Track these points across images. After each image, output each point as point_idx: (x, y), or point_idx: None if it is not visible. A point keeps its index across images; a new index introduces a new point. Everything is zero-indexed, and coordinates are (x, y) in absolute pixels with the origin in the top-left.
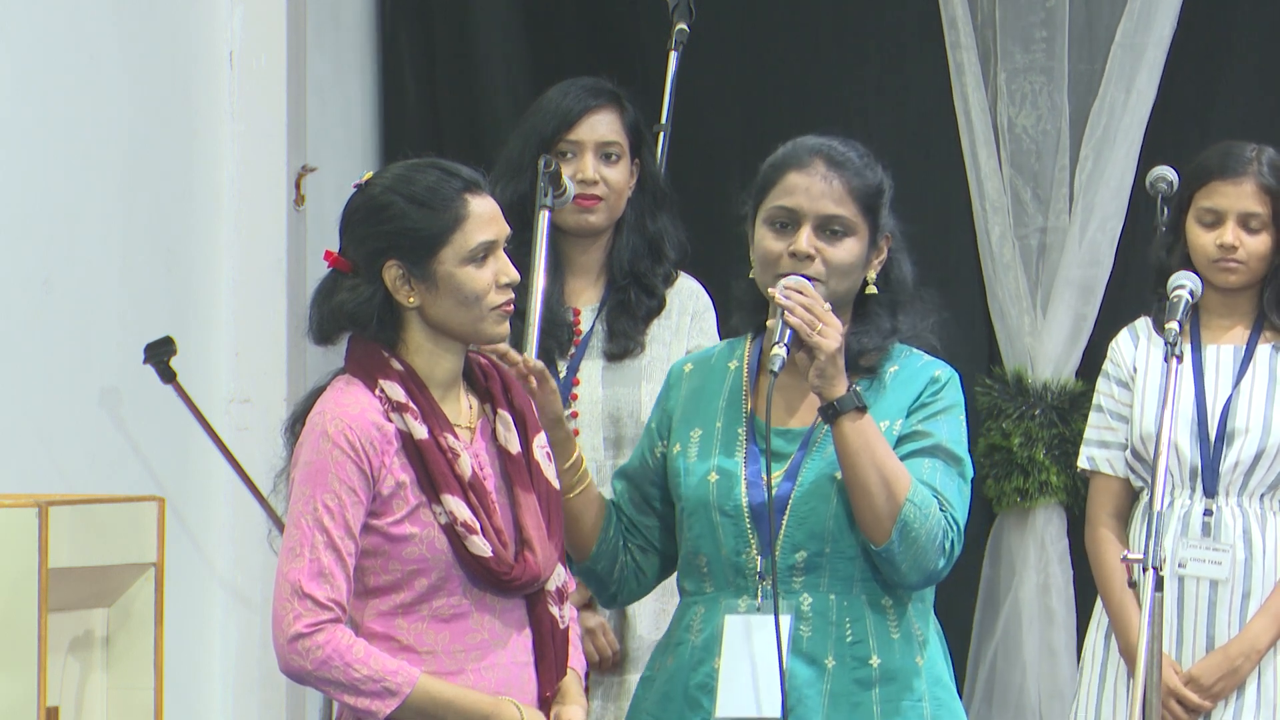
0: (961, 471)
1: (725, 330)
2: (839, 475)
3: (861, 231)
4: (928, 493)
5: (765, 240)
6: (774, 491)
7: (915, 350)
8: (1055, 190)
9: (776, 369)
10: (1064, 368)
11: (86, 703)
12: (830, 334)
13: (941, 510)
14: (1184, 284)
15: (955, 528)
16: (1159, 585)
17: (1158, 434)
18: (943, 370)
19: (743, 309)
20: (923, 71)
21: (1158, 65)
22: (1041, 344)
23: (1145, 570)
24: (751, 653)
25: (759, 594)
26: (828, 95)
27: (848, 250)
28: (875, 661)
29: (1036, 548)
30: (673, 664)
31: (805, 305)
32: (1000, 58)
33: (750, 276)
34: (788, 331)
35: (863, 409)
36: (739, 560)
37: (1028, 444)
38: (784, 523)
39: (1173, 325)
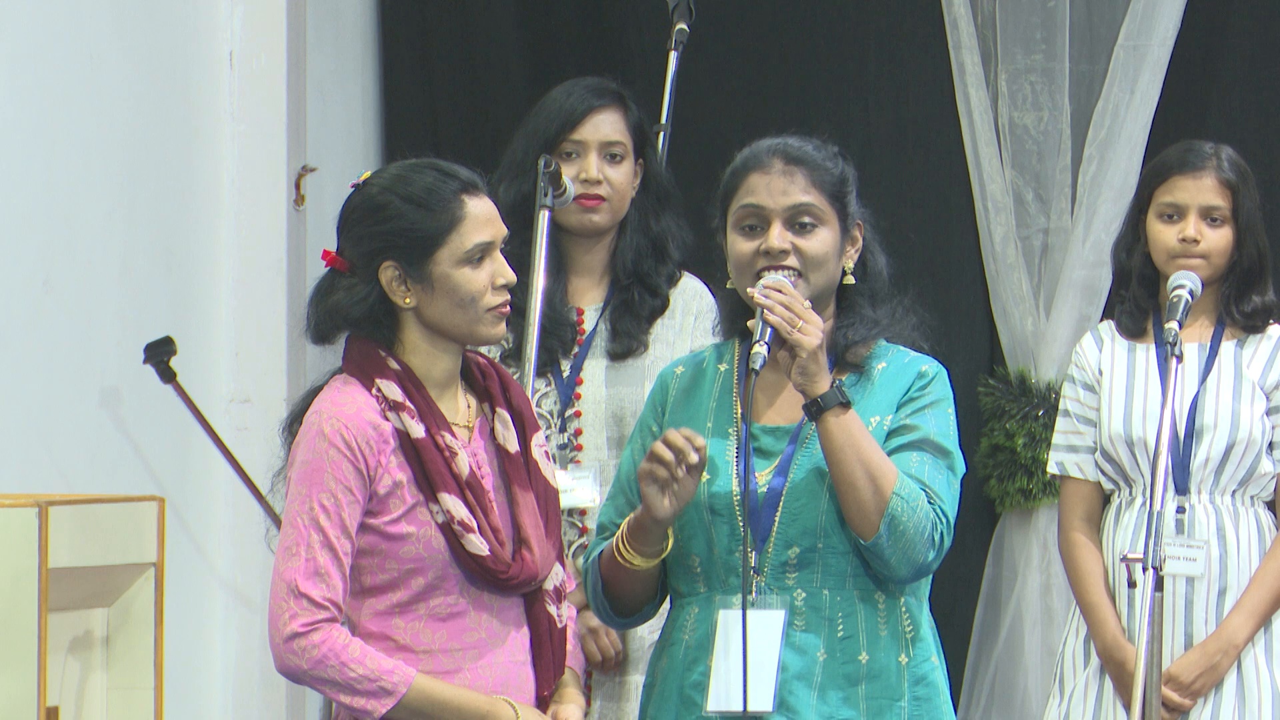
0: (950, 464)
1: None
2: None
3: (832, 220)
4: (915, 486)
5: (737, 244)
6: (765, 488)
7: (902, 347)
8: (1057, 190)
9: (757, 367)
10: (1067, 368)
11: (86, 703)
12: (811, 331)
13: (930, 503)
14: (1184, 284)
15: (944, 520)
16: (1159, 585)
17: (1128, 428)
18: (930, 365)
19: (725, 318)
20: (924, 72)
21: (1161, 66)
22: (1045, 344)
23: (1145, 570)
24: (742, 647)
25: (752, 589)
26: (828, 95)
27: (821, 240)
28: (863, 658)
29: (1039, 548)
30: (666, 665)
31: (784, 303)
32: (1001, 58)
33: (729, 286)
34: (768, 330)
35: (846, 404)
36: (731, 559)
37: (1031, 444)
38: (776, 519)
39: (1172, 325)
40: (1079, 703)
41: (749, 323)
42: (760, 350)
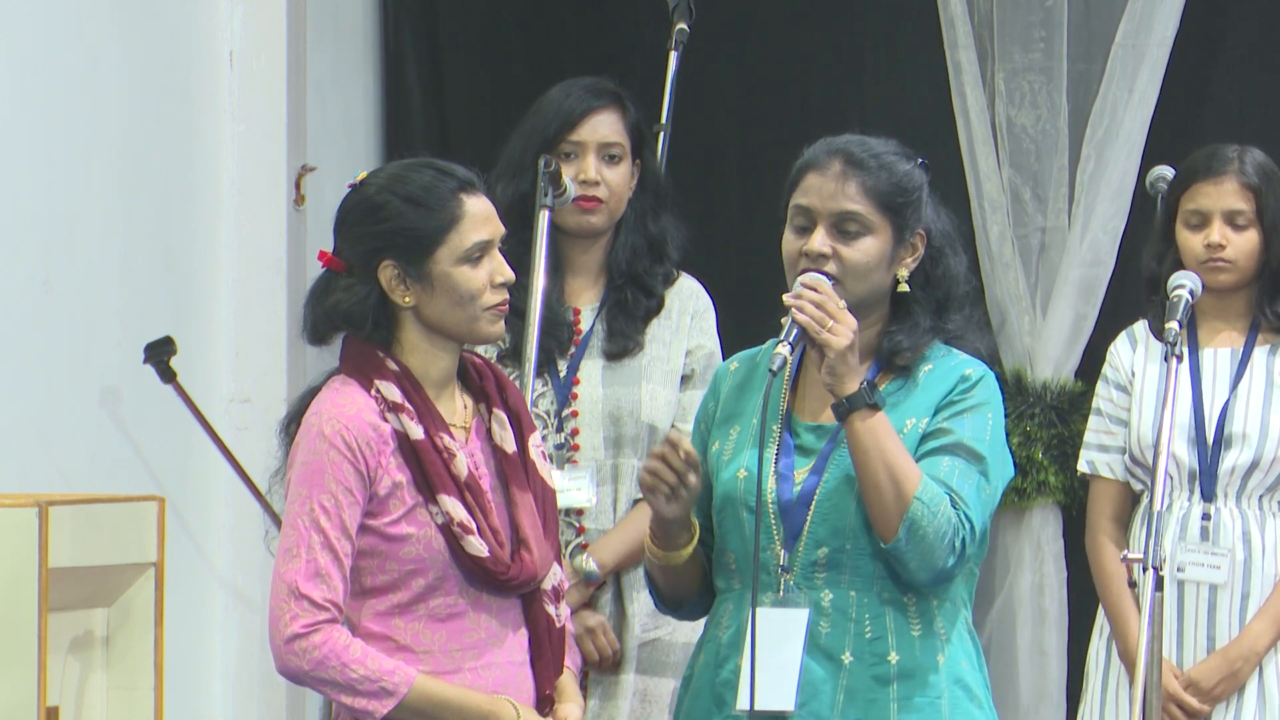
0: (983, 469)
1: (727, 330)
2: None
3: (881, 230)
4: (939, 490)
5: (787, 241)
6: (800, 486)
7: (954, 350)
8: (1054, 190)
9: (775, 367)
10: (1063, 368)
11: (86, 703)
12: (841, 331)
13: (954, 508)
14: (1184, 283)
15: (967, 525)
16: (1159, 585)
17: (1156, 434)
18: (975, 369)
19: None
20: (921, 71)
21: (1160, 65)
22: (1041, 344)
23: (1145, 570)
24: (769, 646)
25: (780, 588)
26: (827, 95)
27: (863, 250)
28: (893, 658)
29: (1032, 547)
30: (702, 661)
31: (817, 302)
32: (999, 57)
33: None
34: (794, 329)
35: (875, 406)
36: (764, 556)
37: (1026, 444)
38: (808, 518)
39: (1172, 325)
40: (1097, 700)
41: (783, 320)
42: (782, 350)
